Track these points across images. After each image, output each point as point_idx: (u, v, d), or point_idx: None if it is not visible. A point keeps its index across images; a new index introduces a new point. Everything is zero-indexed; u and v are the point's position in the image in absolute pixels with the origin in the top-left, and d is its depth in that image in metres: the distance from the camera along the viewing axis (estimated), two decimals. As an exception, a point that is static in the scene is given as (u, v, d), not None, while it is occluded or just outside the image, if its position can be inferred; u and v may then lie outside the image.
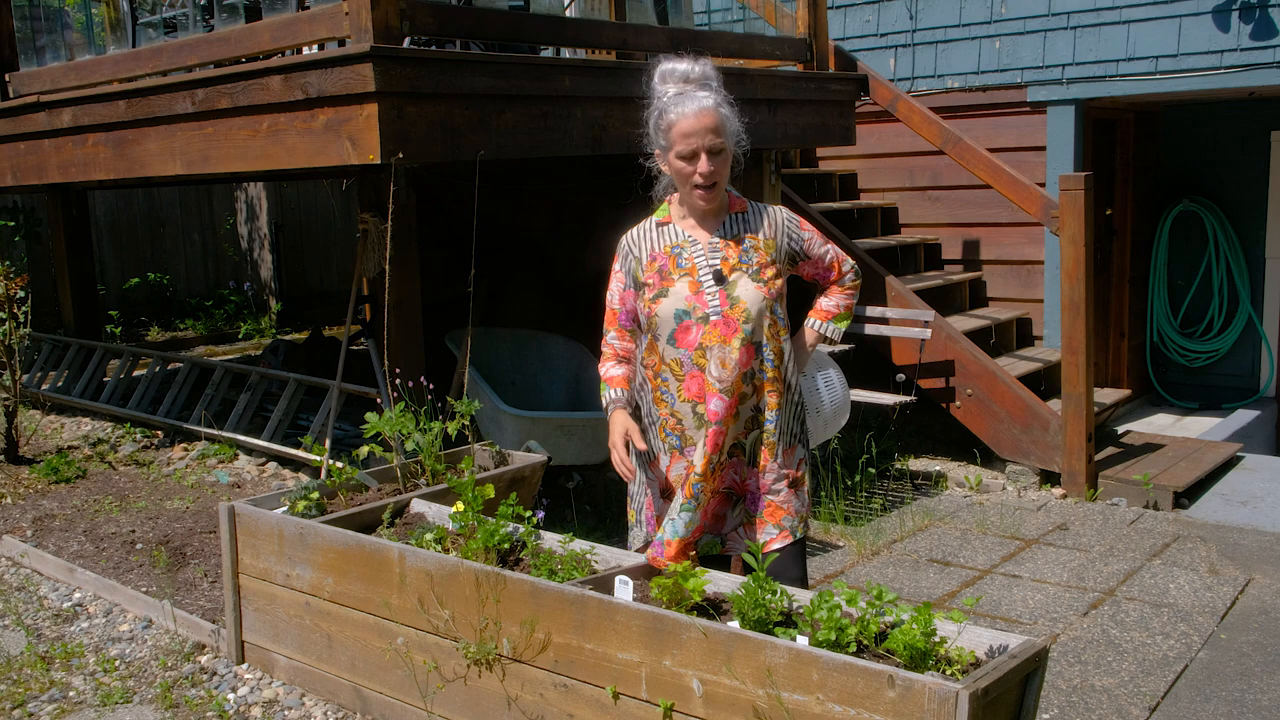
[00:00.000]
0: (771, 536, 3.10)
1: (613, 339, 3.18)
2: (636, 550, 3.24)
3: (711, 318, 2.99)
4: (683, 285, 3.01)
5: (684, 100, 2.93)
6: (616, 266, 3.14)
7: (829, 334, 3.25)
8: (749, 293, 3.00)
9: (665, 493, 3.13)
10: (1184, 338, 8.21)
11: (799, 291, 3.32)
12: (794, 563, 3.16)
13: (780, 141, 6.24)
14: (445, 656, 3.13)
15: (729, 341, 2.97)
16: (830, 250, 3.21)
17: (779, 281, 3.07)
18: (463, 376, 5.26)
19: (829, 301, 3.26)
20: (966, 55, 7.58)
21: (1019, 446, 6.10)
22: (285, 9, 4.77)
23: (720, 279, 3.01)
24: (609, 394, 3.15)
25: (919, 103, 6.71)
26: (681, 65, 3.00)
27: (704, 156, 2.93)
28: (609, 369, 3.17)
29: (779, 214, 3.14)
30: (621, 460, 3.09)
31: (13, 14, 6.33)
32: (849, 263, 3.25)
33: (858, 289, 3.28)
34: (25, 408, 6.68)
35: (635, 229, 3.15)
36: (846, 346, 6.47)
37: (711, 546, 3.11)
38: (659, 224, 3.12)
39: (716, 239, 3.06)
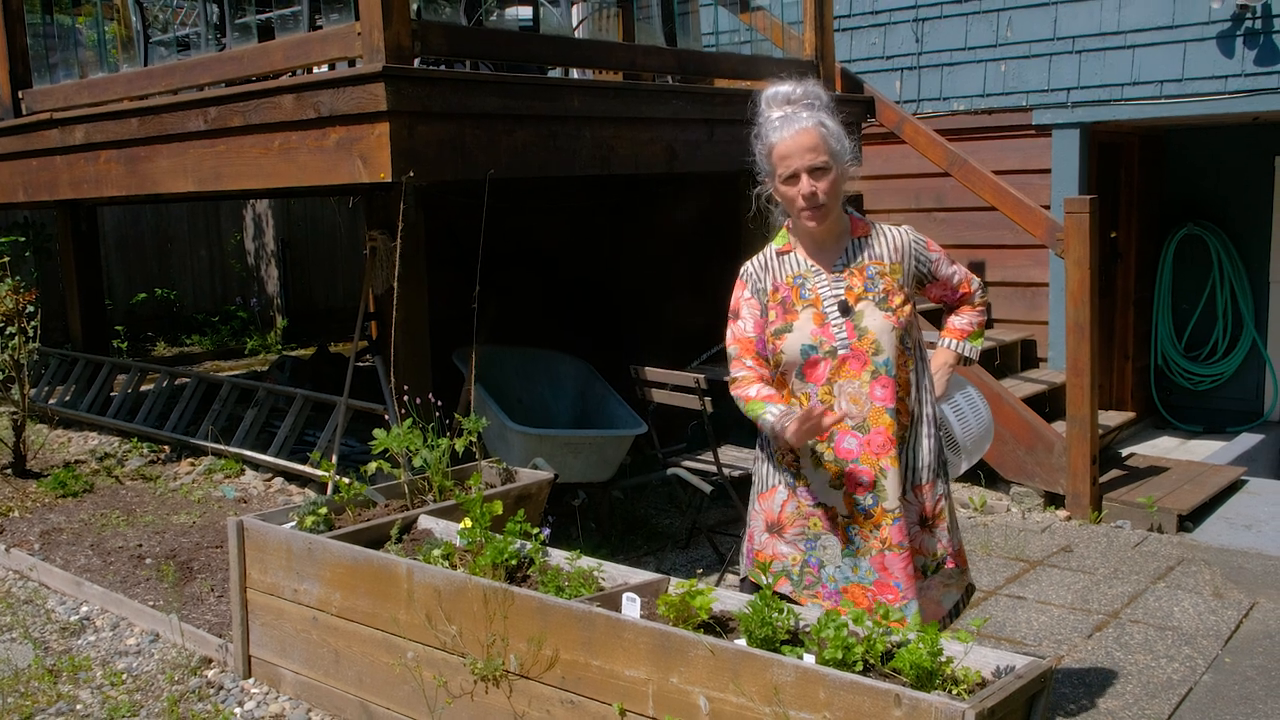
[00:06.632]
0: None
1: (751, 364, 2.95)
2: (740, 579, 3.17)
3: (840, 351, 2.87)
4: (807, 318, 2.89)
5: (784, 123, 2.84)
6: (746, 294, 2.97)
7: (967, 353, 3.15)
8: (877, 323, 2.87)
9: (772, 527, 3.01)
10: (1188, 361, 8.22)
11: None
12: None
13: (787, 163, 6.24)
14: (453, 672, 3.14)
15: (859, 375, 2.86)
16: (958, 271, 3.09)
17: (908, 308, 2.93)
18: (470, 394, 5.28)
19: (961, 320, 3.16)
20: (972, 78, 7.62)
21: (1023, 468, 6.11)
22: (298, 29, 4.83)
23: (846, 310, 2.89)
24: (773, 410, 2.86)
25: (925, 125, 6.75)
26: (784, 88, 2.90)
27: (804, 177, 2.81)
28: (759, 389, 2.92)
29: (905, 236, 3.00)
30: (809, 419, 2.74)
31: (27, 32, 6.39)
32: (976, 280, 3.14)
33: (986, 305, 3.17)
34: (33, 422, 6.70)
35: (757, 258, 3.01)
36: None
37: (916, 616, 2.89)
38: (779, 252, 2.99)
39: (840, 266, 2.93)
